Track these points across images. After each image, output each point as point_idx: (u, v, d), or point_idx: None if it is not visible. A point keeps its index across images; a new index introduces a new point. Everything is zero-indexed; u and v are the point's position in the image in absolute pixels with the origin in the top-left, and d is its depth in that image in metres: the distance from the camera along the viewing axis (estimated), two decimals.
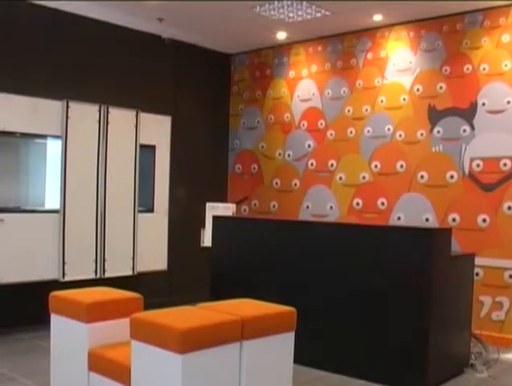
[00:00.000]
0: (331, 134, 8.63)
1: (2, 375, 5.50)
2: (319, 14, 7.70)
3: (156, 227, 8.06)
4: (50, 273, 6.99)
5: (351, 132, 8.40)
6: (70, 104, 7.07)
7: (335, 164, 8.56)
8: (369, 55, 8.29)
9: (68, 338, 4.45)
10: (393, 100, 8.03)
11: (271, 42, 9.16)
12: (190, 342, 3.40)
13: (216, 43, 9.40)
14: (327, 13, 7.63)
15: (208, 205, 7.95)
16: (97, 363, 4.16)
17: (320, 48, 8.84)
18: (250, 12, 7.68)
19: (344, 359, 5.80)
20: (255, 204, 9.60)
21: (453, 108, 7.48)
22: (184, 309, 4.04)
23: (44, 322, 4.90)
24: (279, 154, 9.30)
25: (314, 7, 7.45)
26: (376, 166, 8.11)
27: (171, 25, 8.38)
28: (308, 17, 7.81)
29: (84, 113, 7.22)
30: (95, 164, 7.33)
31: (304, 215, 8.85)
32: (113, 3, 7.54)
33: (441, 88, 7.59)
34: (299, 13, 7.68)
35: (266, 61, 9.53)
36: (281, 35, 8.78)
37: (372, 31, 8.26)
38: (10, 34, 7.22)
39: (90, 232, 7.31)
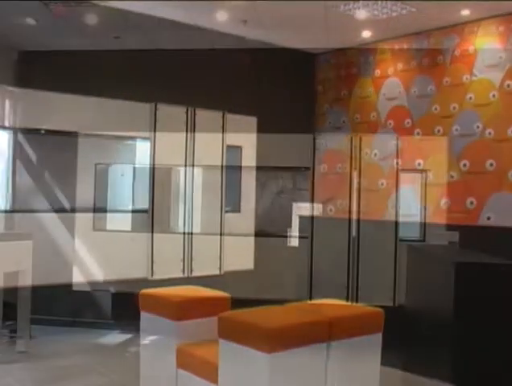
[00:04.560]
0: (418, 133, 8.50)
1: (94, 370, 5.67)
2: (404, 11, 7.60)
3: (243, 226, 8.12)
4: (139, 271, 7.15)
5: (438, 130, 8.25)
6: (158, 106, 7.21)
7: (422, 163, 8.42)
8: (457, 52, 8.12)
9: (157, 335, 4.54)
10: (482, 96, 7.83)
11: (356, 40, 9.10)
12: (278, 341, 3.42)
13: (300, 43, 9.40)
14: (412, 9, 7.52)
15: (295, 205, 7.95)
16: (186, 360, 4.22)
17: (405, 46, 8.71)
18: (335, 11, 7.65)
19: (433, 362, 5.70)
20: (341, 204, 9.54)
21: None
22: (272, 308, 4.05)
23: (134, 319, 5.02)
24: (366, 154, 9.21)
25: (399, 4, 7.36)
26: (465, 165, 7.93)
27: (254, 26, 8.43)
28: (394, 14, 7.72)
29: (172, 115, 7.35)
30: (182, 165, 7.45)
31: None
32: (201, 4, 7.64)
33: None
34: (384, 10, 7.60)
35: (351, 60, 9.47)
36: (366, 34, 8.71)
37: (459, 27, 8.08)
38: (107, 39, 7.43)
39: (178, 232, 7.43)
